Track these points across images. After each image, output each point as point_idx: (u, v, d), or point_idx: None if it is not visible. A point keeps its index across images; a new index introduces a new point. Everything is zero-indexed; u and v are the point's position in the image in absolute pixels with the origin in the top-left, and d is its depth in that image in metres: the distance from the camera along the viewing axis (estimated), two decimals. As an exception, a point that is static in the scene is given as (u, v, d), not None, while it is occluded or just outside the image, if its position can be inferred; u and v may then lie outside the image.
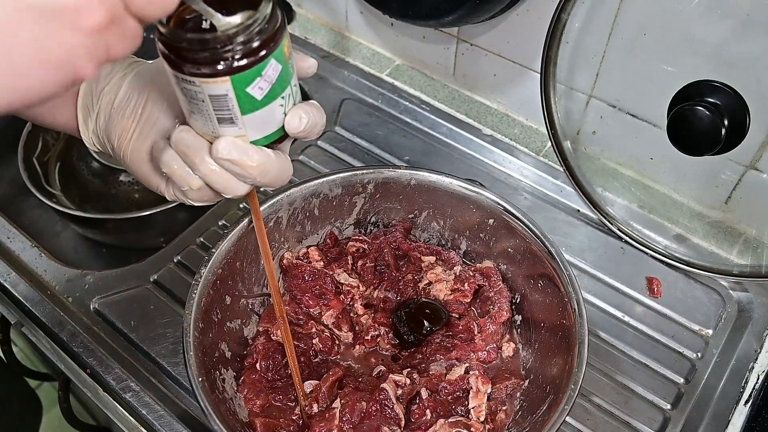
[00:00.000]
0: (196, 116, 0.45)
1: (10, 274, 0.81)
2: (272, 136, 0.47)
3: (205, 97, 0.43)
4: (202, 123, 0.45)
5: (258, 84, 0.43)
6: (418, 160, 0.96)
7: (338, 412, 0.64)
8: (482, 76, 1.00)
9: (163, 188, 0.52)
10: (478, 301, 0.76)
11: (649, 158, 0.86)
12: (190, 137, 0.46)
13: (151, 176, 0.52)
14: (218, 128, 0.45)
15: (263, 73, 0.42)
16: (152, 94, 0.51)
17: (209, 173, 0.47)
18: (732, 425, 0.72)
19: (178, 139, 0.46)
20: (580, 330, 0.64)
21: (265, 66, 0.42)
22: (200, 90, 0.42)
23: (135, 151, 0.51)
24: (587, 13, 0.79)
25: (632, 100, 0.83)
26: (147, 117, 0.51)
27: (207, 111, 0.44)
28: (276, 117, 0.46)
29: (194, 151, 0.46)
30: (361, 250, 0.78)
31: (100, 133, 0.54)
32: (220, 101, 0.43)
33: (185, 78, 0.42)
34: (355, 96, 1.06)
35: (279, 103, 0.45)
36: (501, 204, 0.73)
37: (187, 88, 0.42)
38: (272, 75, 0.43)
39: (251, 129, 0.45)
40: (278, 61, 0.43)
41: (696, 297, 0.83)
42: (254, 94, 0.43)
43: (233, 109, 0.43)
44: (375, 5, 0.92)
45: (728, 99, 0.69)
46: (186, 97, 0.44)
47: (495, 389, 0.68)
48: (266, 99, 0.44)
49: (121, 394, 0.71)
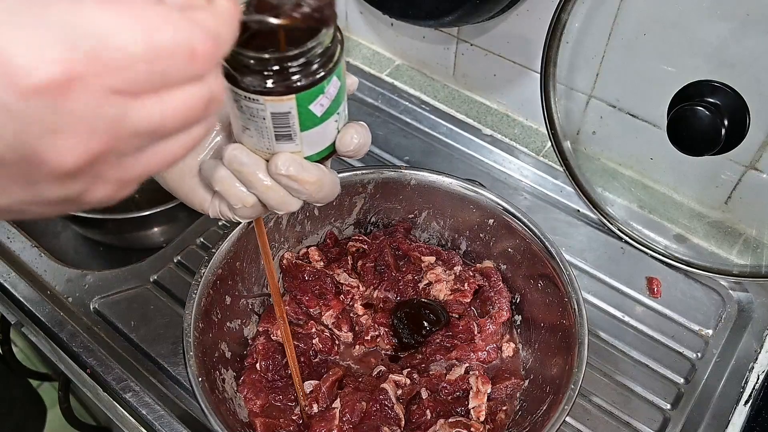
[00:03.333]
0: (252, 132, 0.44)
1: (10, 274, 0.81)
2: (324, 152, 0.46)
3: (266, 115, 0.42)
4: (258, 140, 0.44)
5: (320, 101, 0.42)
6: (418, 160, 0.96)
7: (338, 412, 0.64)
8: (482, 76, 1.00)
9: (207, 206, 0.51)
10: (478, 301, 0.76)
11: (649, 158, 0.86)
12: (244, 155, 0.45)
13: (194, 193, 0.51)
14: (275, 145, 0.44)
15: (325, 91, 0.42)
16: None
17: (265, 190, 0.46)
18: (732, 425, 0.72)
19: (232, 157, 0.45)
20: (580, 330, 0.64)
21: (328, 83, 0.42)
22: (263, 108, 0.41)
23: (175, 169, 0.50)
24: (587, 13, 0.79)
25: (632, 100, 0.83)
26: None
27: (266, 128, 0.43)
28: (330, 133, 0.46)
29: (250, 168, 0.45)
30: (361, 250, 0.78)
31: None
32: (282, 119, 0.42)
33: (249, 96, 0.41)
34: (355, 96, 1.06)
35: (334, 119, 0.45)
36: (501, 204, 0.73)
37: (249, 106, 0.42)
38: (333, 92, 0.43)
39: (306, 145, 0.45)
40: (338, 77, 0.43)
41: (696, 297, 0.83)
42: (315, 111, 0.43)
43: (293, 126, 0.43)
44: (375, 5, 0.92)
45: (728, 99, 0.69)
46: (244, 113, 0.43)
47: (495, 389, 0.68)
48: (325, 115, 0.44)
49: (121, 394, 0.71)
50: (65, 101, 0.25)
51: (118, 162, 0.29)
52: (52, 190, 0.28)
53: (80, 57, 0.25)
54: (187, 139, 0.31)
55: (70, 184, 0.28)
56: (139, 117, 0.27)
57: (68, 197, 0.29)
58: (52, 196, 0.29)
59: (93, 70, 0.25)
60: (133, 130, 0.28)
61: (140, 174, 0.30)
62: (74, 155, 0.27)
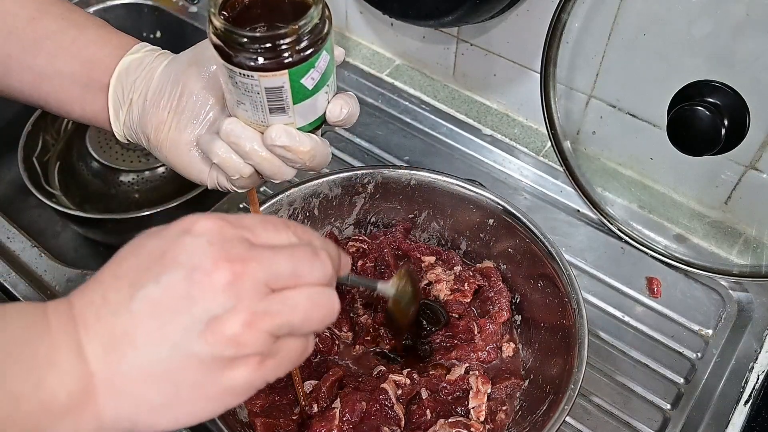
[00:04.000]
0: (246, 106, 0.46)
1: (10, 274, 0.81)
2: (315, 122, 0.49)
3: (261, 90, 0.44)
4: (252, 113, 0.46)
5: (311, 75, 0.44)
6: (418, 160, 0.96)
7: (338, 412, 0.64)
8: (482, 76, 1.00)
9: (205, 177, 0.53)
10: (478, 301, 0.76)
11: (649, 158, 0.86)
12: (239, 127, 0.48)
13: (192, 166, 0.53)
14: (269, 117, 0.46)
15: (316, 65, 0.44)
16: (188, 84, 0.52)
17: (261, 161, 0.48)
18: (732, 425, 0.72)
19: (229, 131, 0.48)
20: (580, 330, 0.64)
21: (318, 58, 0.44)
22: (257, 83, 0.43)
23: (174, 141, 0.52)
24: (587, 13, 0.79)
25: (632, 100, 0.83)
26: (184, 108, 0.52)
27: (261, 102, 0.45)
28: (320, 104, 0.48)
29: (245, 140, 0.48)
30: (361, 250, 0.78)
31: (133, 126, 0.55)
32: (275, 93, 0.44)
33: (244, 72, 0.43)
34: (355, 96, 1.06)
35: (324, 91, 0.47)
36: (501, 204, 0.73)
37: (243, 82, 0.43)
38: (323, 65, 0.45)
39: (299, 117, 0.47)
40: (327, 51, 0.45)
41: (696, 297, 0.83)
42: (307, 85, 0.45)
43: (287, 100, 0.45)
44: (375, 5, 0.92)
45: (728, 99, 0.69)
46: (239, 89, 0.44)
47: (495, 389, 0.68)
48: (315, 88, 0.46)
49: (121, 394, 0.71)
50: None
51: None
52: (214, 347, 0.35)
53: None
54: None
55: (231, 345, 0.35)
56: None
57: (220, 357, 0.36)
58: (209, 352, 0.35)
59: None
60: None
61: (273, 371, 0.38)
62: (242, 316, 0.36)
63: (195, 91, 0.51)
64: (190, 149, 0.52)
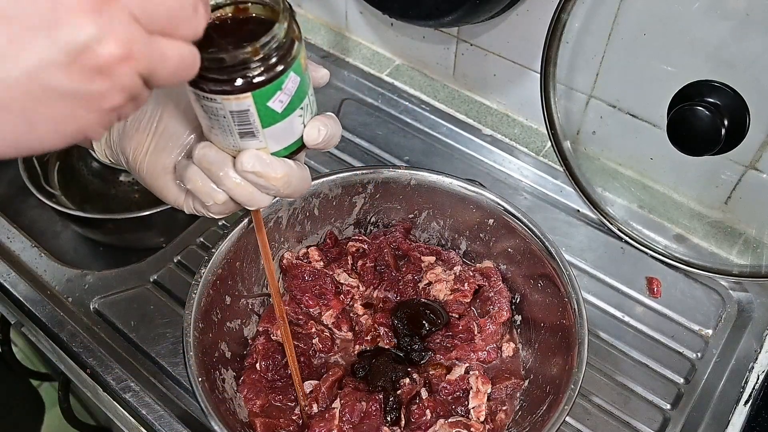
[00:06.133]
0: (217, 131, 0.45)
1: (10, 274, 0.81)
2: (292, 146, 0.47)
3: (226, 113, 0.42)
4: (223, 138, 0.45)
5: (278, 98, 0.43)
6: (418, 160, 0.96)
7: (338, 412, 0.64)
8: (482, 76, 1.00)
9: (181, 202, 0.52)
10: (478, 301, 0.76)
11: (649, 158, 0.86)
12: (212, 153, 0.46)
13: (168, 190, 0.52)
14: (240, 142, 0.45)
15: (283, 87, 0.42)
16: (167, 108, 0.51)
17: (234, 187, 0.47)
18: (732, 425, 0.72)
19: (201, 156, 0.47)
20: (580, 330, 0.64)
21: (285, 80, 0.42)
22: (222, 107, 0.42)
23: (151, 164, 0.51)
24: (587, 13, 0.79)
25: (632, 100, 0.83)
26: (162, 131, 0.51)
27: (228, 126, 0.43)
28: (295, 128, 0.46)
29: (218, 166, 0.46)
30: (361, 250, 0.78)
31: (113, 146, 0.54)
32: (241, 116, 0.43)
33: (206, 96, 0.42)
34: (355, 96, 1.06)
35: (298, 114, 0.45)
36: (501, 204, 0.73)
37: (208, 105, 0.42)
38: (291, 87, 0.43)
39: (272, 141, 0.45)
40: (296, 73, 0.43)
41: (696, 297, 0.83)
42: (275, 108, 0.43)
43: (254, 123, 0.43)
44: (375, 5, 0.92)
45: (728, 99, 0.69)
46: (206, 113, 0.43)
47: (495, 389, 0.68)
48: (286, 111, 0.44)
49: (121, 394, 0.71)
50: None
51: (134, 74, 0.33)
52: (79, 78, 0.32)
53: None
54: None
55: (99, 79, 0.32)
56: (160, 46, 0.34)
57: (87, 93, 0.32)
58: (73, 86, 0.32)
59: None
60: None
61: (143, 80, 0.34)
62: (116, 47, 0.32)
63: (175, 114, 0.50)
64: (166, 173, 0.51)
